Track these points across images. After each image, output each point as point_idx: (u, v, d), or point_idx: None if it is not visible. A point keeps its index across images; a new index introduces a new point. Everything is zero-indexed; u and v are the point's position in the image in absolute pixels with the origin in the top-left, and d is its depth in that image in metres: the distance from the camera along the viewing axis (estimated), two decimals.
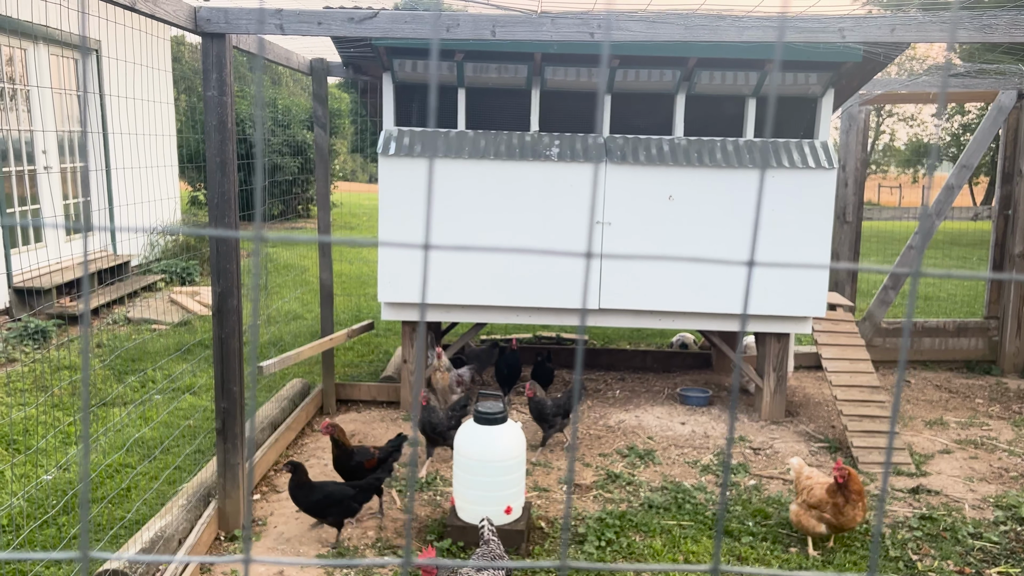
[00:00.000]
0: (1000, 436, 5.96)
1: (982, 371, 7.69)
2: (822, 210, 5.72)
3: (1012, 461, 5.48)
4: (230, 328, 3.94)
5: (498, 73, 5.79)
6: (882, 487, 0.83)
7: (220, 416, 4.02)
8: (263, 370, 4.89)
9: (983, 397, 6.93)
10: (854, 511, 3.92)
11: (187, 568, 3.56)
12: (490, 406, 4.16)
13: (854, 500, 3.92)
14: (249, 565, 0.83)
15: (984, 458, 5.51)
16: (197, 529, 3.86)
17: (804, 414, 6.33)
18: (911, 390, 7.10)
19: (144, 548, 3.49)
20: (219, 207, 3.86)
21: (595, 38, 3.76)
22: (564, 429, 5.42)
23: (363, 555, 3.97)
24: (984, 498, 4.85)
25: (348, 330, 6.16)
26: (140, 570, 3.37)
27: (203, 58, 3.70)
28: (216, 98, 3.72)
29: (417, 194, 5.65)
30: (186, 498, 4.02)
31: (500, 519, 4.01)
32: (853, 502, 3.92)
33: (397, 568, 3.85)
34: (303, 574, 3.78)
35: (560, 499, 4.69)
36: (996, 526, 4.47)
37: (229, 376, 3.98)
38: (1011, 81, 7.20)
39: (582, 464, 5.21)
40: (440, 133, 5.79)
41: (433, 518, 4.37)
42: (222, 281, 3.90)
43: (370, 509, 4.42)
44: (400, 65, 5.66)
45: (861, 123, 7.44)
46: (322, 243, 6.41)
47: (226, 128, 3.79)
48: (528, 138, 5.79)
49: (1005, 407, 6.67)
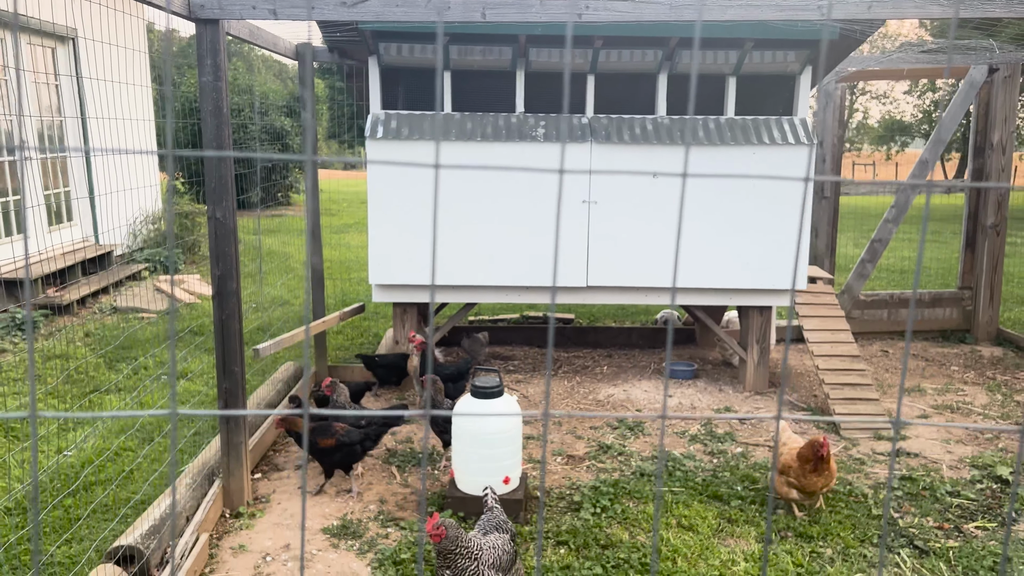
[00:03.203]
0: (975, 401, 6.18)
1: (957, 340, 7.93)
2: (799, 185, 5.86)
3: (987, 424, 5.69)
4: (230, 310, 4.02)
5: (483, 56, 5.86)
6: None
7: (222, 397, 4.09)
8: (259, 352, 4.96)
9: (958, 364, 7.16)
10: (818, 478, 4.05)
11: (197, 543, 3.65)
12: (486, 380, 4.27)
13: (821, 468, 4.05)
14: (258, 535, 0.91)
15: (960, 422, 5.72)
16: (204, 506, 3.95)
17: (787, 384, 6.52)
18: (889, 359, 7.31)
19: (154, 525, 3.58)
20: (217, 191, 3.92)
21: (583, 19, 3.85)
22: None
23: (366, 528, 4.08)
24: (960, 459, 5.06)
25: (340, 312, 6.23)
26: (152, 545, 3.46)
27: (197, 44, 3.75)
28: (211, 83, 3.77)
29: (404, 176, 5.71)
30: (191, 477, 4.11)
31: (499, 489, 4.14)
32: (820, 470, 4.06)
33: (400, 538, 3.96)
34: (309, 546, 3.88)
35: (556, 471, 4.83)
36: (972, 484, 4.67)
37: (230, 357, 4.05)
38: (982, 56, 7.38)
39: (574, 437, 5.35)
40: (427, 115, 5.86)
41: (433, 491, 4.48)
42: (221, 264, 3.97)
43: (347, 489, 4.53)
44: (386, 49, 5.72)
45: (837, 100, 7.60)
46: (313, 227, 6.48)
47: (221, 113, 3.84)
48: (514, 119, 5.87)
49: (979, 373, 6.90)
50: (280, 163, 17.22)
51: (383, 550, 3.84)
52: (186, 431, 5.19)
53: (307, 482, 4.57)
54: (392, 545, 3.90)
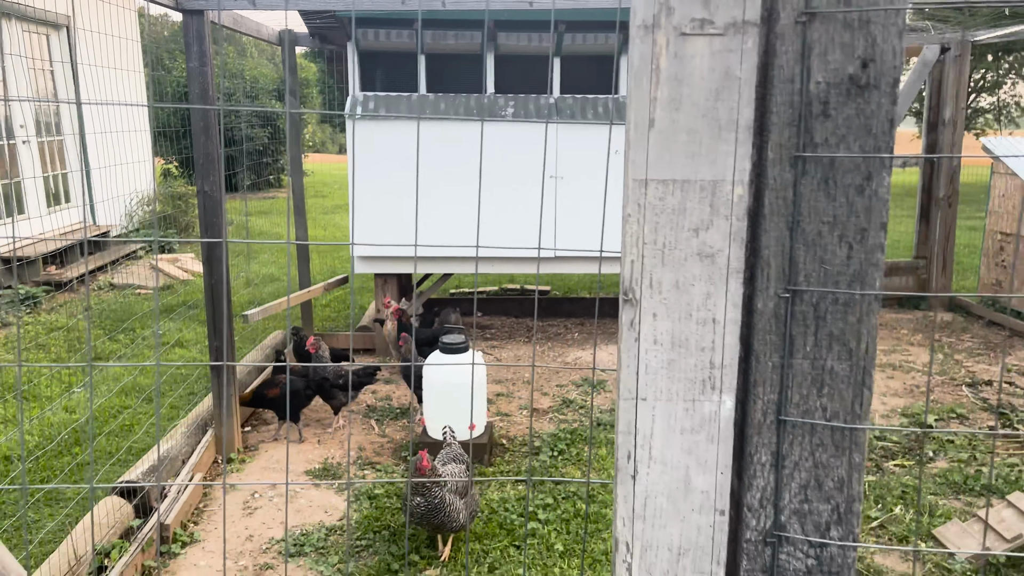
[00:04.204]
0: (917, 360, 6.63)
1: (912, 306, 8.37)
2: None
3: (923, 379, 6.15)
4: (218, 275, 4.43)
5: (455, 40, 6.24)
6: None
7: (213, 353, 4.52)
8: (247, 318, 5.39)
9: (908, 328, 7.61)
10: None
11: (192, 481, 4.09)
12: (453, 338, 4.70)
13: None
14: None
15: (899, 378, 6.18)
16: (198, 451, 4.39)
17: None
18: None
19: (153, 466, 4.01)
20: (204, 167, 4.32)
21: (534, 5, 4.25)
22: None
23: (345, 471, 4.53)
24: (893, 409, 5.51)
25: (324, 283, 6.65)
26: (151, 480, 3.90)
27: (184, 33, 4.14)
28: (198, 68, 4.16)
29: (384, 153, 6.11)
30: (186, 427, 4.54)
31: (465, 435, 4.58)
32: None
33: (375, 478, 4.41)
34: (294, 485, 4.32)
35: (522, 422, 5.28)
36: (899, 431, 5.12)
37: (219, 317, 4.47)
38: (935, 36, 7.77)
39: (540, 393, 5.79)
40: (403, 97, 6.25)
41: (407, 439, 4.93)
42: (210, 233, 4.38)
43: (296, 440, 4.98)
44: (363, 34, 6.10)
45: None
46: (297, 204, 6.88)
47: (207, 95, 4.24)
48: (485, 100, 6.27)
49: (927, 336, 7.35)
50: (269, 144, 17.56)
51: (359, 488, 4.28)
52: (181, 391, 5.63)
53: (290, 433, 5.03)
54: (367, 483, 4.34)
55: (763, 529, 0.90)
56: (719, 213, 0.84)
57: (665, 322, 0.86)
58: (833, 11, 0.78)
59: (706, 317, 0.86)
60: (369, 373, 5.28)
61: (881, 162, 0.81)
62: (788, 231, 0.84)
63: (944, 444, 4.90)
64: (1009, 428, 5.17)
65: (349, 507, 4.11)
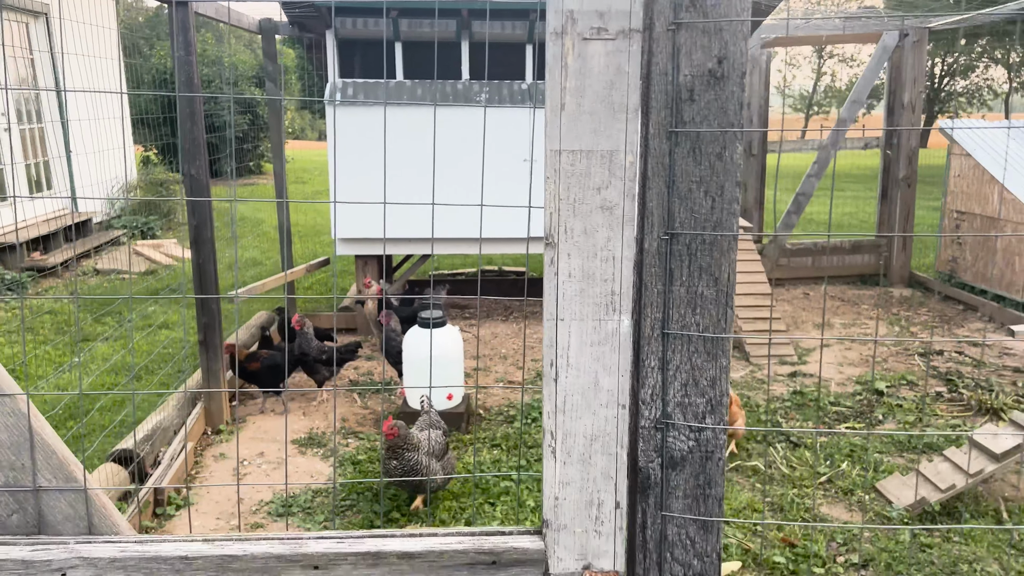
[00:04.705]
0: (875, 333, 6.97)
1: (873, 283, 8.73)
2: None
3: (880, 351, 6.49)
4: (206, 254, 4.65)
5: (431, 28, 6.46)
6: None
7: (202, 330, 4.75)
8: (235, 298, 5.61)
9: (869, 304, 7.96)
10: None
11: (183, 449, 4.33)
12: (431, 314, 4.95)
13: (733, 414, 4.52)
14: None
15: (857, 349, 6.52)
16: (188, 423, 4.62)
17: None
18: (809, 300, 8.10)
19: (146, 435, 4.24)
20: (190, 151, 4.52)
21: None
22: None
23: (329, 439, 4.78)
24: (849, 377, 5.84)
25: (307, 265, 6.87)
26: (146, 449, 4.13)
27: (169, 23, 4.33)
28: (183, 57, 4.36)
29: (361, 138, 6.32)
30: (176, 400, 4.77)
31: (443, 405, 4.85)
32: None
33: (358, 445, 4.67)
34: (280, 453, 4.57)
35: (498, 394, 5.55)
36: (853, 396, 5.45)
37: (208, 295, 4.69)
38: (894, 23, 8.08)
39: (516, 368, 6.07)
40: (380, 83, 6.46)
41: (388, 410, 5.19)
42: (197, 214, 4.59)
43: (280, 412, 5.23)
44: (341, 23, 6.29)
45: (763, 65, 8.27)
46: (279, 188, 7.08)
47: (193, 83, 4.44)
48: (460, 86, 6.49)
49: (886, 311, 7.70)
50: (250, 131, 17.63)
51: (343, 454, 4.54)
52: (168, 368, 5.84)
53: (275, 406, 5.27)
54: (351, 451, 4.60)
55: (654, 418, 1.17)
56: (616, 175, 1.10)
57: (577, 260, 1.12)
58: (694, 21, 1.04)
59: (608, 255, 1.12)
60: (351, 350, 5.53)
61: (734, 135, 1.07)
62: (666, 188, 1.10)
63: (893, 408, 5.23)
64: (955, 393, 5.51)
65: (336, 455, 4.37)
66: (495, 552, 1.18)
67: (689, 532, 1.17)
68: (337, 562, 1.15)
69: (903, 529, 3.74)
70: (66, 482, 1.16)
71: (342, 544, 1.17)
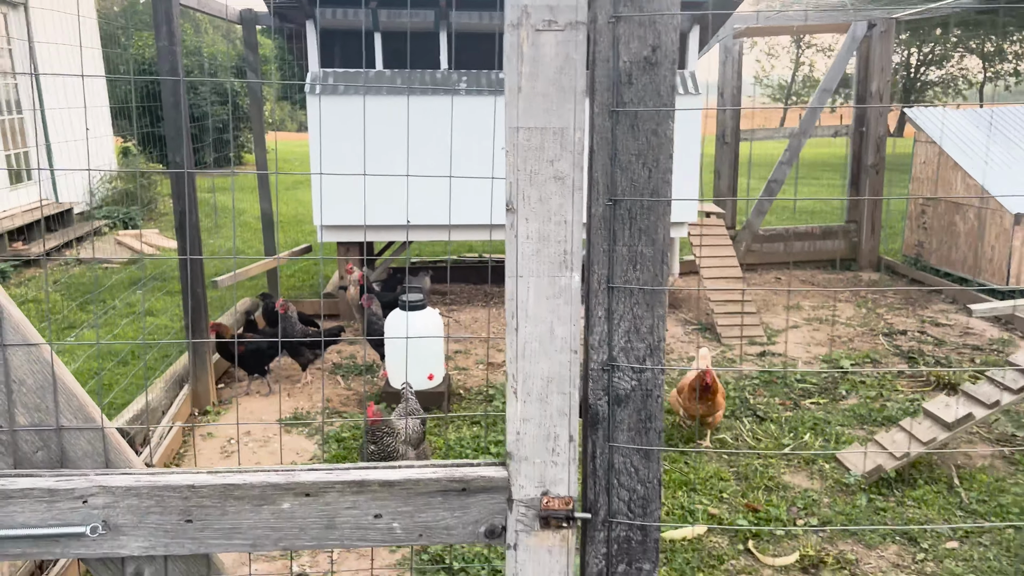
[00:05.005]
0: (843, 314, 7.21)
1: (843, 268, 8.98)
2: (692, 130, 6.74)
3: (847, 331, 6.72)
4: (192, 240, 4.77)
5: (410, 18, 6.58)
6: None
7: (188, 314, 4.87)
8: (217, 284, 5.73)
9: (838, 287, 8.20)
10: (702, 407, 4.48)
11: (172, 429, 4.47)
12: (412, 297, 5.11)
13: (705, 398, 4.47)
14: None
15: (824, 330, 6.75)
16: (176, 404, 4.75)
17: (685, 307, 7.48)
18: (780, 284, 8.33)
19: (135, 415, 4.37)
20: (175, 140, 4.64)
21: None
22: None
23: (314, 419, 4.93)
24: (815, 356, 6.07)
25: (289, 252, 6.99)
26: (135, 428, 4.26)
27: (154, 14, 4.44)
28: (167, 47, 4.47)
29: (342, 127, 6.45)
30: (164, 382, 4.90)
31: (425, 385, 5.01)
32: (703, 399, 4.47)
33: (342, 424, 4.82)
34: (267, 431, 4.72)
35: (478, 375, 5.72)
36: (818, 374, 5.67)
37: (194, 280, 4.82)
38: (862, 14, 8.29)
39: (496, 350, 6.23)
40: (361, 72, 6.58)
41: (371, 392, 5.34)
42: (182, 201, 4.71)
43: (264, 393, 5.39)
44: (322, 13, 6.40)
45: (736, 55, 8.46)
46: (261, 176, 7.19)
47: (177, 73, 4.55)
48: (439, 75, 6.62)
49: (855, 294, 7.94)
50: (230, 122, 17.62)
51: (328, 432, 4.69)
52: (154, 354, 5.96)
53: (260, 388, 5.42)
54: (336, 429, 4.76)
55: (602, 361, 1.34)
56: (566, 149, 1.26)
57: (534, 224, 1.29)
58: (632, 15, 1.21)
59: (560, 220, 1.28)
60: (334, 334, 5.68)
61: (667, 114, 1.24)
62: (610, 161, 1.27)
63: (856, 384, 5.46)
64: (916, 370, 5.74)
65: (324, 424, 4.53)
66: (465, 480, 1.35)
67: (633, 461, 1.34)
68: (326, 489, 1.32)
69: (859, 494, 3.95)
70: (85, 422, 1.32)
71: (330, 474, 1.34)
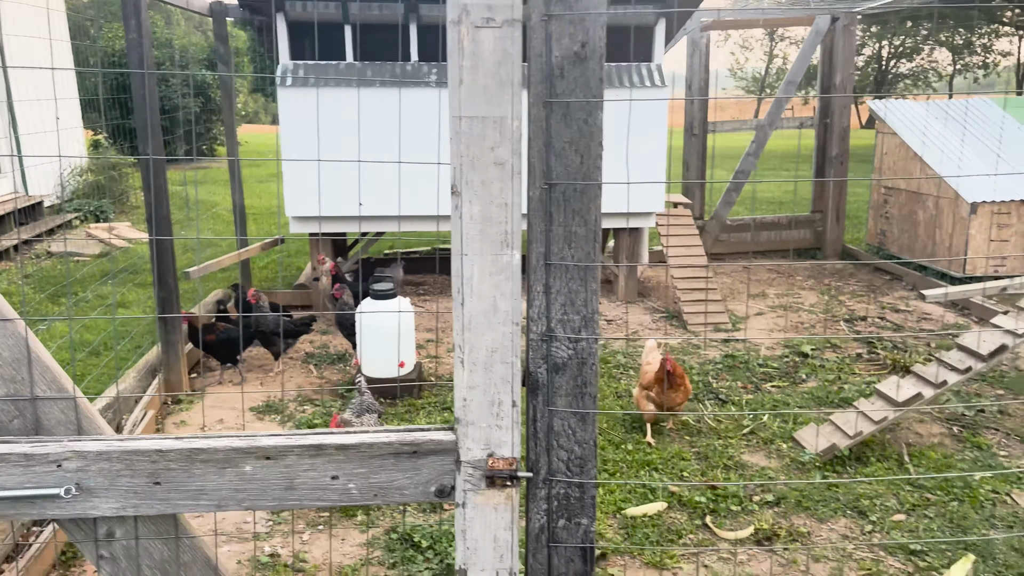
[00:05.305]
0: (806, 302, 7.40)
1: (809, 256, 9.19)
2: (658, 121, 6.88)
3: (809, 318, 6.91)
4: (164, 231, 4.82)
5: (380, 11, 6.64)
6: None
7: (160, 304, 4.92)
8: (189, 275, 5.77)
9: (803, 275, 8.40)
10: (675, 394, 4.56)
11: (145, 417, 4.53)
12: (383, 286, 5.20)
13: (676, 384, 4.56)
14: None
15: (788, 316, 6.93)
16: (149, 392, 4.81)
17: (653, 296, 7.64)
18: (746, 273, 8.51)
19: (108, 404, 4.42)
20: (144, 132, 4.68)
21: None
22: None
23: (286, 407, 5.01)
24: (778, 342, 6.24)
25: (260, 243, 7.04)
26: (108, 417, 4.32)
27: (123, 6, 4.48)
28: (136, 40, 4.51)
29: (314, 117, 6.50)
30: (136, 371, 4.95)
31: (396, 372, 5.11)
32: (676, 386, 4.57)
33: (314, 411, 4.91)
34: (239, 420, 4.79)
35: (447, 362, 5.82)
36: (780, 359, 5.85)
37: (165, 271, 4.87)
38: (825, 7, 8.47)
39: None
40: (331, 64, 6.64)
41: (343, 380, 5.43)
42: (154, 192, 4.75)
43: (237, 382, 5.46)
44: (291, 6, 6.44)
45: (703, 47, 8.61)
46: (232, 168, 7.22)
47: (146, 65, 4.59)
48: (409, 67, 6.70)
49: (818, 281, 8.15)
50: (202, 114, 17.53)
51: (300, 420, 4.78)
52: (126, 346, 5.99)
53: (233, 377, 5.48)
54: (307, 416, 4.84)
55: (541, 332, 1.45)
56: (506, 137, 1.37)
57: (477, 206, 1.40)
58: (562, 13, 1.32)
59: (501, 202, 1.39)
60: (306, 323, 5.75)
61: (597, 104, 1.36)
62: (545, 147, 1.38)
63: (816, 368, 5.64)
64: (873, 354, 5.94)
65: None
66: (416, 443, 1.46)
67: (571, 423, 1.46)
68: (285, 453, 1.42)
69: (814, 472, 4.12)
70: (59, 392, 1.41)
71: (290, 439, 1.44)
